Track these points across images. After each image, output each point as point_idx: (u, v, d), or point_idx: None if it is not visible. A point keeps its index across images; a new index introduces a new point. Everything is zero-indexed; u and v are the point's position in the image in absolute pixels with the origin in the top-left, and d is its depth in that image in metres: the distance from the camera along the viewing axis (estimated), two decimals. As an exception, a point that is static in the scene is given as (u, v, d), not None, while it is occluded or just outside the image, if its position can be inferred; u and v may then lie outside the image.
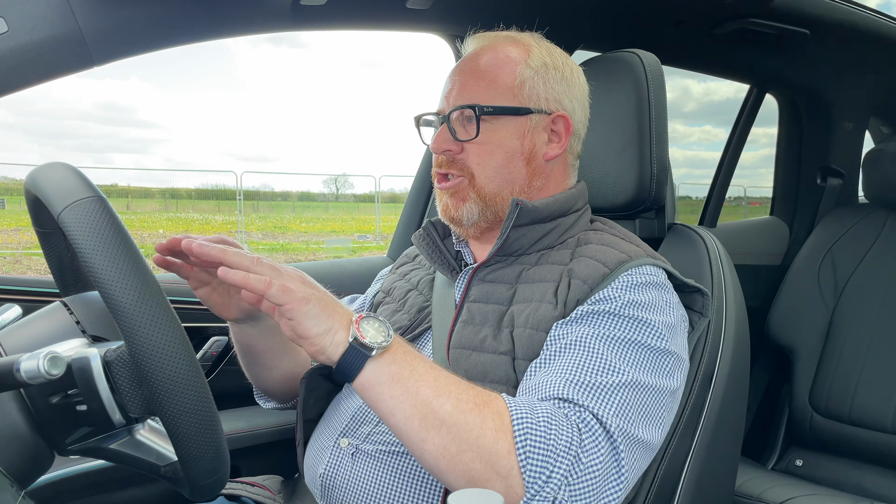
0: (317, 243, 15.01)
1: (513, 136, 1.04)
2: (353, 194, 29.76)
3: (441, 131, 1.05)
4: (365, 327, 0.80)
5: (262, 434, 1.52)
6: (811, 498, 1.78)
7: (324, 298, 0.81)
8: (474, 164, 1.04)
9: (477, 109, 1.01)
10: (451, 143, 1.04)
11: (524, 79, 1.04)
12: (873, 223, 2.21)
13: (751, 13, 1.70)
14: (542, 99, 1.05)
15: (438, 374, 0.82)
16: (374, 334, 0.80)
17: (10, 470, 0.74)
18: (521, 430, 0.78)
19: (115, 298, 0.68)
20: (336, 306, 0.82)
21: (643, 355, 0.90)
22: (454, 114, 1.03)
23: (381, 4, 1.41)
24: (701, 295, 1.04)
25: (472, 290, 1.04)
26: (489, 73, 1.04)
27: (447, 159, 1.05)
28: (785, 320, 2.24)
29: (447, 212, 1.07)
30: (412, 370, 0.81)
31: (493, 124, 1.02)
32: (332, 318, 0.80)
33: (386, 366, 0.80)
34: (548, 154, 1.06)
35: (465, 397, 0.80)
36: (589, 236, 1.06)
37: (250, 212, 21.84)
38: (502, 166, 1.04)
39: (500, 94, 1.03)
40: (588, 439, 0.80)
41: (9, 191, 21.10)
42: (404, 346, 0.83)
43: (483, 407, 0.80)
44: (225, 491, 1.14)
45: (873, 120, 2.54)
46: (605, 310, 0.92)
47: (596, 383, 0.85)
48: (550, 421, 0.79)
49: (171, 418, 0.71)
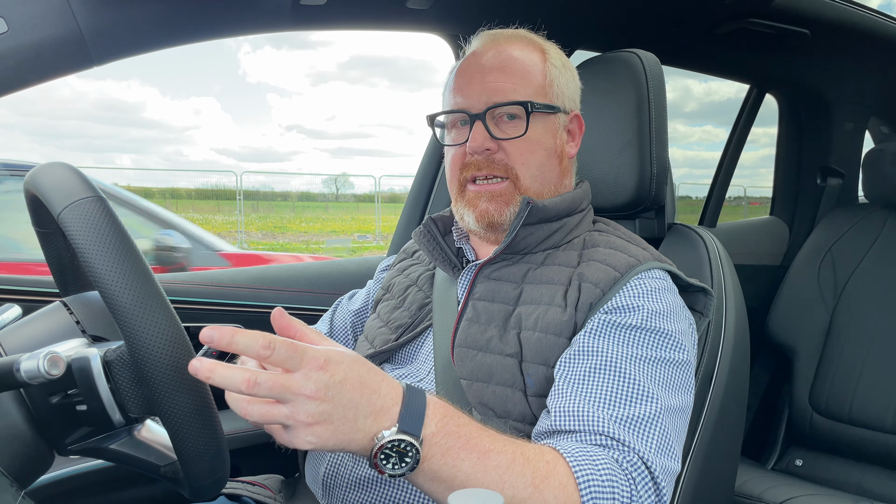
0: (317, 243, 15.01)
1: (548, 134, 1.04)
2: (353, 194, 29.74)
3: (477, 130, 1.01)
4: (386, 454, 0.68)
5: (262, 434, 1.50)
6: (811, 498, 1.78)
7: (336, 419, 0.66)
8: (518, 164, 1.02)
9: (530, 106, 1.00)
10: (490, 142, 1.01)
11: (552, 77, 1.04)
12: (873, 223, 2.21)
13: (751, 13, 1.70)
14: (567, 98, 1.06)
15: (488, 465, 0.72)
16: (397, 460, 0.69)
17: (10, 470, 0.74)
18: (589, 496, 0.76)
19: (114, 298, 0.68)
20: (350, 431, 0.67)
21: (670, 373, 0.91)
22: (488, 112, 1.01)
23: (381, 4, 1.41)
24: (704, 295, 1.04)
25: (477, 288, 1.04)
26: (520, 70, 1.03)
27: (485, 160, 1.02)
28: (785, 320, 2.24)
29: (487, 216, 1.02)
30: (455, 470, 0.71)
31: (534, 123, 1.02)
32: (349, 443, 0.68)
33: (423, 473, 0.71)
34: (569, 153, 1.08)
35: (521, 483, 0.73)
36: (595, 238, 1.06)
37: (250, 212, 21.83)
38: (543, 164, 1.03)
39: (536, 92, 1.03)
40: (641, 488, 0.80)
41: (9, 191, 21.07)
42: (442, 446, 0.71)
43: (543, 485, 0.74)
44: (226, 490, 1.13)
45: (873, 120, 2.54)
46: (630, 323, 0.92)
47: (636, 416, 0.85)
48: (612, 478, 0.78)
49: (171, 418, 0.71)
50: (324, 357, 0.66)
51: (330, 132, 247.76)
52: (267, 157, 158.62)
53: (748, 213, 14.34)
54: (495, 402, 0.93)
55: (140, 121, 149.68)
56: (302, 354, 0.65)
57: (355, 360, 0.70)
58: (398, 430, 0.68)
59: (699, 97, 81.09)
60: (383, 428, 0.68)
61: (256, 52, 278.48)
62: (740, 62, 2.14)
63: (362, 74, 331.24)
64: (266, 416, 0.65)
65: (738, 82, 2.37)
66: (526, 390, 0.93)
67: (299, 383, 0.64)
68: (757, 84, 2.35)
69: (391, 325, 1.12)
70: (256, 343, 0.63)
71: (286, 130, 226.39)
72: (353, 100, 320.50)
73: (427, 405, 0.72)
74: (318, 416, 0.65)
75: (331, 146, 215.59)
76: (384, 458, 0.68)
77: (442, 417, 0.72)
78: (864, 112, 2.47)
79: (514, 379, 0.93)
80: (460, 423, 0.73)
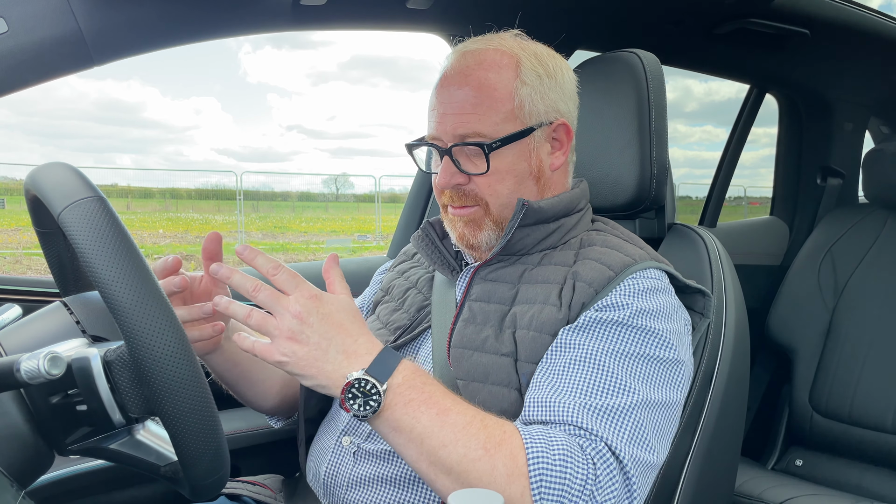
0: (317, 243, 15.01)
1: (520, 160, 1.01)
2: (353, 194, 29.75)
3: (445, 166, 1.01)
4: (353, 393, 0.78)
5: (262, 434, 1.52)
6: (811, 498, 1.78)
7: (313, 344, 0.80)
8: (487, 195, 1.01)
9: (486, 148, 0.97)
10: (459, 176, 1.01)
11: (522, 98, 1.00)
12: (873, 223, 2.21)
13: (751, 13, 1.70)
14: (542, 112, 1.02)
15: (446, 421, 0.79)
16: (362, 403, 0.78)
17: (10, 470, 0.74)
18: (536, 470, 0.78)
19: (114, 298, 0.68)
20: (323, 360, 0.80)
21: (654, 369, 0.90)
22: (456, 147, 1.00)
23: (381, 4, 1.41)
24: (702, 296, 1.04)
25: (473, 289, 1.04)
26: (485, 97, 0.99)
27: (456, 192, 1.02)
28: (785, 320, 2.24)
29: (464, 240, 1.04)
30: (415, 421, 0.79)
31: (500, 153, 0.99)
32: (319, 374, 0.80)
33: (384, 420, 0.80)
34: (553, 164, 1.05)
35: (475, 443, 0.79)
36: (592, 237, 1.05)
37: (250, 212, 21.83)
38: (514, 190, 1.02)
39: (502, 121, 0.99)
40: (603, 474, 0.80)
41: (9, 191, 21.10)
42: (406, 396, 0.80)
43: (494, 451, 0.78)
44: (226, 490, 1.14)
45: (873, 120, 2.54)
46: (614, 319, 0.91)
47: (609, 406, 0.84)
48: (566, 458, 0.79)
49: (171, 418, 0.71)
50: (317, 292, 0.81)
51: (330, 132, 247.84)
52: (267, 157, 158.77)
53: (748, 213, 14.34)
54: (492, 402, 0.93)
55: (140, 121, 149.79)
56: (298, 283, 0.81)
57: (346, 307, 0.83)
58: (365, 373, 0.79)
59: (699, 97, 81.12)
60: (353, 369, 0.79)
61: (257, 52, 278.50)
62: (740, 62, 2.14)
63: (363, 74, 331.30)
64: (259, 322, 0.79)
65: (738, 82, 2.37)
66: (521, 389, 0.93)
67: (289, 301, 0.80)
68: (757, 84, 2.35)
69: (390, 327, 1.12)
70: (269, 264, 0.81)
71: (286, 130, 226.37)
72: (354, 100, 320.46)
73: (399, 362, 0.82)
74: (296, 334, 0.79)
75: (331, 146, 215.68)
76: (351, 397, 0.78)
77: (411, 374, 0.82)
78: (864, 112, 2.47)
79: (509, 378, 0.93)
80: (426, 382, 0.82)
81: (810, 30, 1.81)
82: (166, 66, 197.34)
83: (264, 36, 3.05)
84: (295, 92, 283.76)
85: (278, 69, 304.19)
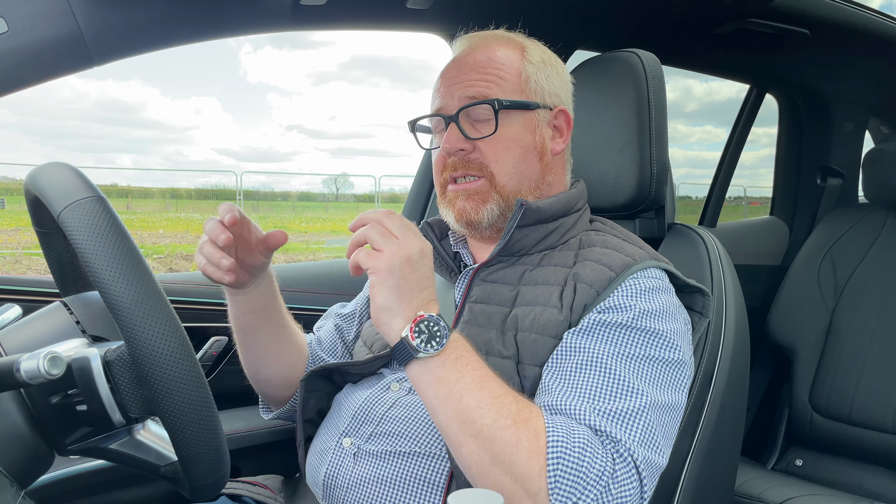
0: (317, 243, 15.00)
1: (525, 131, 1.03)
2: (353, 194, 29.73)
3: (451, 131, 1.02)
4: (421, 328, 0.81)
5: (262, 434, 1.52)
6: (811, 498, 1.78)
7: (407, 279, 0.82)
8: (492, 162, 1.01)
9: (496, 104, 0.99)
10: (464, 142, 1.01)
11: (528, 73, 1.04)
12: (873, 223, 2.21)
13: (751, 13, 1.70)
14: (546, 93, 1.05)
15: (485, 385, 0.82)
16: (426, 339, 0.81)
17: (10, 470, 0.74)
18: (554, 453, 0.78)
19: (114, 298, 0.68)
20: (410, 293, 0.83)
21: (660, 371, 0.90)
22: (462, 112, 1.01)
23: (381, 4, 1.41)
24: (702, 295, 1.04)
25: (473, 291, 1.04)
26: (494, 68, 1.03)
27: (461, 160, 1.02)
28: (785, 320, 2.24)
29: (464, 215, 1.03)
30: (459, 377, 0.82)
31: (507, 119, 1.01)
32: (400, 302, 0.82)
33: (433, 368, 0.82)
34: (554, 149, 1.06)
35: (507, 412, 0.81)
36: (591, 237, 1.05)
37: (250, 212, 21.63)
38: (520, 161, 1.02)
39: (510, 89, 1.02)
40: (621, 472, 0.81)
41: (9, 191, 21.09)
42: (458, 352, 0.84)
43: (522, 425, 0.80)
44: (226, 490, 1.13)
45: (873, 120, 2.54)
46: (618, 321, 0.91)
47: (619, 410, 0.85)
48: (586, 448, 0.80)
49: (171, 418, 0.71)
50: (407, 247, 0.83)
51: (330, 132, 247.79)
52: (267, 157, 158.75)
53: (748, 213, 14.34)
54: None
55: (140, 121, 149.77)
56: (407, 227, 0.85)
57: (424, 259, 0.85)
58: (439, 316, 0.82)
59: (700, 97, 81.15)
60: (430, 311, 0.83)
61: (257, 52, 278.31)
62: (740, 62, 2.14)
63: (363, 74, 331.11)
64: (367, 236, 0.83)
65: (738, 82, 2.37)
66: (522, 391, 0.93)
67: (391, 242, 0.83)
68: (757, 84, 2.35)
69: None
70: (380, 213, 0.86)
71: (287, 130, 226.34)
72: (354, 100, 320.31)
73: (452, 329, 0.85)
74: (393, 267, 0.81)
75: (331, 146, 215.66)
76: (418, 332, 0.81)
77: (463, 338, 0.86)
78: (864, 112, 2.47)
79: (511, 381, 0.93)
80: (473, 348, 0.86)
81: (810, 30, 1.81)
82: (166, 66, 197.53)
83: (264, 36, 3.03)
84: (295, 92, 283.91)
85: (279, 69, 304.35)
